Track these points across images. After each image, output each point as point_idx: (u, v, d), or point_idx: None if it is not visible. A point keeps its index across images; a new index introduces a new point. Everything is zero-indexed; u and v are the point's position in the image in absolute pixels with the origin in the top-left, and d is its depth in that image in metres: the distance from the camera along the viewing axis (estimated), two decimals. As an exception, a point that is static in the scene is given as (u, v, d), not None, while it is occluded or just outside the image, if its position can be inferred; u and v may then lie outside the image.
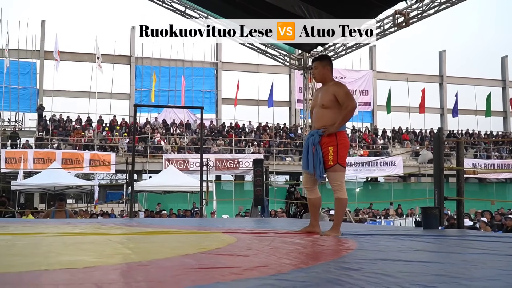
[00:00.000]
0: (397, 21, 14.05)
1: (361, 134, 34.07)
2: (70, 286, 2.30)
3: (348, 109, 5.18)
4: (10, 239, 4.80)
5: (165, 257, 3.37)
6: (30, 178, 22.29)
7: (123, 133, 29.15)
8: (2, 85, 30.40)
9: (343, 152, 5.22)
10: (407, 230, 7.45)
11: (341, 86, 5.35)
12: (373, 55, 37.20)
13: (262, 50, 19.06)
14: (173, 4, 17.83)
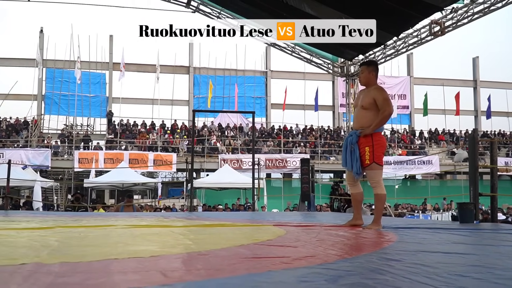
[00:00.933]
0: (433, 30, 13.81)
1: (400, 135, 33.56)
2: (138, 274, 2.32)
3: (385, 114, 5.13)
4: (83, 231, 4.87)
5: (222, 247, 3.39)
6: (101, 176, 22.69)
7: (183, 135, 29.45)
8: (75, 94, 31.18)
9: (379, 152, 5.17)
10: (444, 224, 7.28)
11: (381, 91, 5.27)
12: (410, 62, 36.55)
13: (307, 59, 18.99)
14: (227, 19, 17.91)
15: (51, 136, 29.46)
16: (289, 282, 2.15)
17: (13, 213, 9.61)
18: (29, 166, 22.94)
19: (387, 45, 15.96)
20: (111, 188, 23.72)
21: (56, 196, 25.24)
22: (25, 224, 5.68)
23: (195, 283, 2.12)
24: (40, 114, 31.39)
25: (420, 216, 21.81)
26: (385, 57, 16.68)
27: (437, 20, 13.65)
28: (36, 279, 2.12)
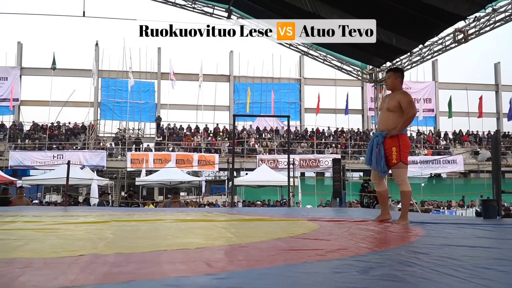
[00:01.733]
0: (457, 38, 13.52)
1: (425, 136, 33.02)
2: (185, 264, 2.34)
3: (408, 116, 5.07)
4: (135, 224, 4.93)
5: (261, 240, 3.39)
6: (150, 175, 22.95)
7: (224, 138, 29.62)
8: (127, 101, 31.72)
9: (405, 152, 5.12)
10: (469, 219, 7.11)
11: (406, 95, 5.22)
12: (435, 67, 35.91)
13: (338, 67, 18.85)
14: (264, 31, 17.90)
15: (106, 139, 30.05)
16: (323, 273, 2.14)
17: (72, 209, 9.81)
18: (86, 166, 23.42)
19: (413, 53, 15.72)
20: (160, 186, 24.00)
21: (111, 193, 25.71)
22: (83, 219, 5.79)
23: (237, 273, 2.12)
24: (96, 119, 32.03)
25: (445, 212, 21.36)
26: (411, 64, 16.43)
27: (460, 28, 13.38)
28: (93, 269, 2.15)
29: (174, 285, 1.84)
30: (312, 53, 18.93)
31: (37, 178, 22.38)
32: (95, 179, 20.07)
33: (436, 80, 35.95)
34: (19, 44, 32.69)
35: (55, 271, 2.12)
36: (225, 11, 17.51)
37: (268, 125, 32.00)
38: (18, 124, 30.37)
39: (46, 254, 2.63)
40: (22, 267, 2.20)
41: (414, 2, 11.21)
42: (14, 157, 25.03)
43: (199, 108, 33.04)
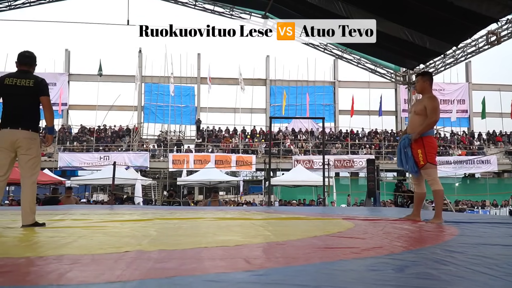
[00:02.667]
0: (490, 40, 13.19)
1: (459, 137, 32.23)
2: (224, 260, 2.35)
3: (430, 121, 5.03)
4: (177, 222, 4.98)
5: (297, 238, 3.37)
6: (191, 175, 23.16)
7: (261, 139, 29.66)
8: (169, 105, 32.16)
9: (431, 153, 5.04)
10: (503, 218, 6.90)
11: (432, 100, 5.11)
12: (468, 69, 35.01)
13: (372, 69, 18.66)
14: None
15: (149, 141, 30.53)
16: (359, 271, 2.11)
17: (118, 207, 9.99)
18: (131, 167, 23.82)
19: (446, 55, 15.41)
20: (200, 186, 24.19)
21: (153, 192, 26.09)
22: (128, 217, 5.88)
23: (274, 269, 2.12)
24: (140, 122, 32.56)
25: (479, 212, 20.80)
26: (444, 66, 16.11)
27: (493, 31, 13.06)
28: (138, 264, 2.18)
29: (214, 280, 1.85)
30: (346, 56, 18.79)
31: (85, 178, 22.90)
32: (139, 179, 20.38)
33: (469, 82, 35.03)
34: (67, 52, 33.54)
35: (101, 267, 2.16)
36: (262, 17, 17.55)
37: (303, 127, 31.87)
38: (67, 127, 31.17)
39: (94, 251, 2.68)
40: (70, 263, 2.25)
41: (447, 5, 10.99)
42: (63, 158, 25.70)
43: (237, 111, 33.20)
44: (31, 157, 4.42)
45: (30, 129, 4.42)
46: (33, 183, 4.43)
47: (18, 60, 4.59)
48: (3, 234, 3.80)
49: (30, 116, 4.46)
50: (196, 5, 18.20)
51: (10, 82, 4.42)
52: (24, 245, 3.09)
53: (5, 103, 4.48)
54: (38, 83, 4.50)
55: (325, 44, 18.36)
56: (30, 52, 4.67)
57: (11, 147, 4.37)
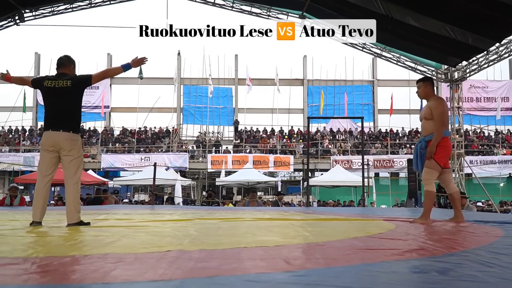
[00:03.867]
0: (536, 35, 12.74)
1: (504, 135, 31.24)
2: (264, 261, 2.35)
3: (438, 130, 4.95)
4: (216, 223, 5.01)
5: (337, 239, 3.34)
6: (229, 175, 23.31)
7: (299, 140, 29.57)
8: (207, 106, 32.47)
9: (441, 154, 4.99)
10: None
11: (438, 103, 5.09)
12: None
13: (412, 67, 18.33)
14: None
15: (188, 142, 30.91)
16: (401, 272, 2.08)
17: (158, 207, 10.15)
18: (170, 167, 24.15)
19: (489, 51, 14.98)
20: (238, 186, 24.32)
21: (193, 193, 26.38)
22: (169, 217, 5.97)
23: (315, 270, 2.11)
24: (179, 124, 33.00)
25: (526, 213, 20.12)
26: (487, 62, 15.67)
27: (539, 25, 12.58)
28: (180, 264, 2.21)
29: (255, 281, 1.85)
30: (385, 54, 18.52)
31: (126, 179, 23.36)
32: (178, 179, 20.65)
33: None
34: (109, 55, 34.34)
35: (144, 265, 2.20)
36: (299, 17, 17.49)
37: (341, 127, 31.60)
38: (109, 129, 31.91)
39: (137, 250, 2.73)
40: (114, 261, 2.29)
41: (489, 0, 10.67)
42: (106, 159, 26.31)
43: (275, 111, 33.21)
44: (73, 157, 4.53)
45: (71, 130, 4.52)
46: (76, 183, 4.55)
47: (56, 64, 4.74)
48: (49, 233, 3.92)
49: (71, 117, 4.56)
50: (233, 6, 18.30)
51: (49, 84, 4.55)
52: (69, 244, 3.17)
53: (46, 105, 4.62)
54: (74, 80, 4.61)
55: (364, 42, 18.14)
56: (66, 55, 4.79)
57: (53, 149, 4.50)
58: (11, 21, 17.12)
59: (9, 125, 31.02)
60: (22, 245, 3.03)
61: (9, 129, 30.76)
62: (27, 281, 1.87)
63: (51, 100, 4.56)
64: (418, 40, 14.35)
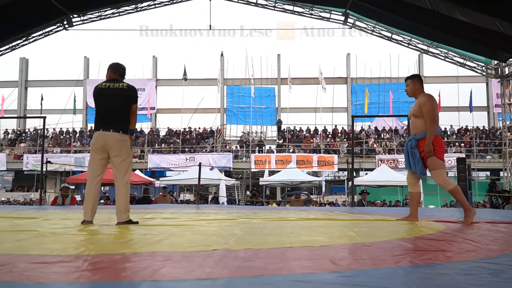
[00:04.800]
0: None
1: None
2: (310, 261, 2.34)
3: (430, 128, 4.86)
4: (261, 222, 5.02)
5: (384, 240, 3.29)
6: (273, 175, 23.29)
7: (343, 139, 29.29)
8: (250, 106, 32.61)
9: (440, 149, 4.93)
10: None
11: (427, 100, 5.04)
12: None
13: (461, 63, 17.85)
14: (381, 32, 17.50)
15: (231, 142, 31.14)
16: (451, 274, 2.03)
17: (204, 207, 10.26)
18: (215, 167, 24.37)
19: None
20: (282, 186, 24.28)
21: (237, 192, 26.54)
22: (214, 216, 6.03)
23: (362, 271, 2.08)
24: (223, 124, 33.30)
25: None
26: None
27: None
28: (226, 263, 2.23)
29: (301, 281, 1.85)
30: (432, 50, 18.11)
31: (172, 178, 23.73)
32: (223, 179, 20.80)
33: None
34: (154, 58, 35.01)
35: (192, 264, 2.23)
36: (342, 15, 17.33)
37: (386, 125, 31.06)
38: (155, 130, 32.53)
39: (184, 248, 2.78)
40: (163, 260, 2.34)
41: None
42: (152, 160, 26.85)
43: (318, 110, 33.02)
44: (122, 158, 4.63)
45: (121, 131, 4.61)
46: (126, 183, 4.66)
47: (111, 70, 4.82)
48: (99, 231, 4.03)
49: (121, 118, 4.65)
50: (275, 6, 18.32)
51: (104, 86, 4.68)
52: (119, 242, 3.26)
53: (97, 106, 4.72)
54: (131, 88, 4.73)
55: (409, 38, 17.78)
56: (121, 64, 4.90)
57: (103, 149, 4.61)
58: (60, 26, 17.72)
59: (60, 127, 32.10)
60: (74, 243, 3.13)
61: (60, 130, 31.82)
62: (79, 279, 1.93)
63: (103, 100, 4.67)
64: (467, 35, 13.94)
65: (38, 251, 2.64)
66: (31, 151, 28.90)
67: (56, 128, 31.87)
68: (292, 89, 32.17)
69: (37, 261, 2.28)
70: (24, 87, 35.20)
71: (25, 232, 3.75)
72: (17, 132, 32.15)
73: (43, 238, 3.38)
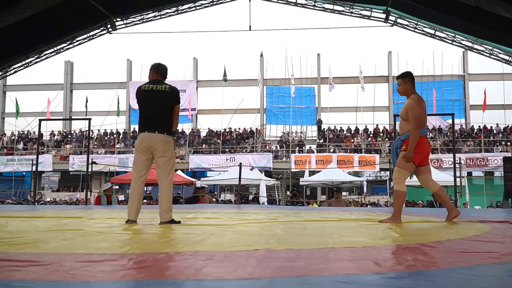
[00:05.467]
0: None
1: None
2: (353, 262, 2.32)
3: (413, 136, 4.89)
4: (302, 222, 4.99)
5: (429, 241, 3.23)
6: (313, 175, 23.21)
7: (385, 138, 28.85)
8: (290, 106, 32.55)
9: (417, 153, 4.95)
10: None
11: (413, 104, 4.98)
12: None
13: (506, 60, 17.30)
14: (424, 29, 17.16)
15: (271, 142, 31.15)
16: (499, 276, 1.98)
17: (244, 207, 10.31)
18: (255, 167, 24.46)
19: None
20: (323, 186, 24.16)
21: (277, 192, 26.54)
22: (255, 216, 6.05)
23: (406, 273, 2.05)
24: (263, 124, 33.36)
25: None
26: None
27: None
28: (268, 262, 2.24)
29: (344, 282, 1.84)
30: (477, 47, 17.63)
31: (213, 178, 23.98)
32: (263, 179, 20.86)
33: None
34: (195, 60, 35.42)
35: (234, 263, 2.25)
36: (383, 13, 17.08)
37: (430, 124, 30.33)
38: (196, 131, 32.90)
39: (226, 248, 2.80)
40: (205, 259, 2.37)
41: None
42: (193, 160, 27.17)
43: (358, 109, 32.64)
44: (166, 159, 4.72)
45: (165, 132, 4.71)
46: (169, 183, 4.74)
47: (153, 70, 4.90)
48: (143, 231, 4.12)
49: (165, 120, 4.74)
50: (315, 5, 18.22)
51: (146, 87, 4.77)
52: (162, 241, 3.32)
53: (141, 108, 4.82)
54: (173, 89, 4.81)
55: (453, 35, 17.35)
56: (163, 64, 4.98)
57: (148, 150, 4.70)
58: (104, 29, 18.17)
59: (104, 128, 32.92)
60: (119, 242, 3.20)
61: (105, 132, 32.62)
62: (124, 277, 1.97)
63: (147, 103, 4.76)
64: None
65: (84, 250, 2.71)
66: (76, 152, 29.72)
67: (100, 129, 32.67)
68: (332, 88, 31.90)
69: (83, 260, 2.33)
70: (69, 89, 36.26)
71: (71, 231, 3.85)
72: (63, 134, 33.14)
73: (89, 237, 3.46)
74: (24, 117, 32.72)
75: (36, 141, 27.39)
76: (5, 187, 28.29)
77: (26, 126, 32.65)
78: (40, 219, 5.34)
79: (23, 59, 18.58)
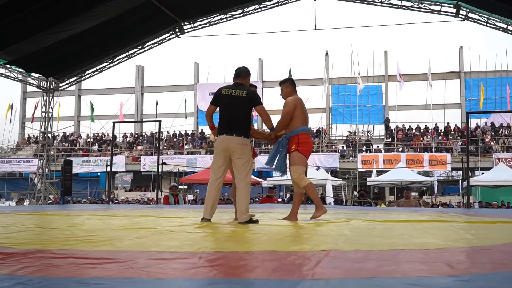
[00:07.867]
0: None
1: None
2: (424, 264, 2.26)
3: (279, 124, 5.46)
4: (370, 223, 4.91)
5: (504, 243, 3.09)
6: (381, 175, 22.75)
7: (456, 136, 27.78)
8: (356, 105, 32.04)
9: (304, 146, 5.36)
10: None
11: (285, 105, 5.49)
12: None
13: None
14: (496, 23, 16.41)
15: (337, 142, 30.81)
16: None
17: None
18: (321, 167, 24.29)
19: None
20: (391, 186, 23.61)
21: (344, 193, 26.23)
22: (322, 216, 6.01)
23: (481, 275, 1.99)
24: (328, 124, 33.05)
25: None
26: None
27: None
28: (337, 263, 2.23)
29: (416, 284, 1.80)
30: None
31: (279, 178, 23.99)
32: (329, 179, 20.69)
33: None
34: (260, 61, 35.65)
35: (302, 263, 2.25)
36: (453, 7, 16.46)
37: (504, 122, 28.91)
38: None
39: (293, 248, 2.81)
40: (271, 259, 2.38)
41: None
42: (259, 160, 27.36)
43: (428, 107, 31.60)
44: (244, 161, 4.87)
45: (243, 135, 4.88)
46: (246, 184, 4.88)
47: (234, 74, 5.16)
48: (215, 229, 4.21)
49: (243, 123, 4.93)
50: (382, 2, 17.82)
51: (227, 92, 4.94)
52: (233, 240, 3.38)
53: (222, 111, 5.02)
54: (250, 93, 4.96)
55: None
56: (244, 67, 5.19)
57: (226, 152, 4.88)
58: (172, 33, 18.70)
59: (173, 130, 33.85)
60: (190, 241, 3.28)
61: (174, 133, 33.52)
62: (195, 275, 2.02)
63: (227, 107, 4.94)
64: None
65: (156, 248, 2.78)
66: (147, 153, 30.73)
67: (169, 131, 33.61)
68: (402, 85, 31.08)
69: (156, 258, 2.39)
70: (140, 93, 37.56)
71: (144, 230, 3.97)
72: (135, 136, 34.38)
73: (161, 235, 3.57)
74: (99, 120, 34.29)
75: (110, 143, 28.58)
76: (81, 187, 29.69)
77: (100, 128, 34.17)
78: (114, 218, 5.57)
79: (97, 64, 19.45)
